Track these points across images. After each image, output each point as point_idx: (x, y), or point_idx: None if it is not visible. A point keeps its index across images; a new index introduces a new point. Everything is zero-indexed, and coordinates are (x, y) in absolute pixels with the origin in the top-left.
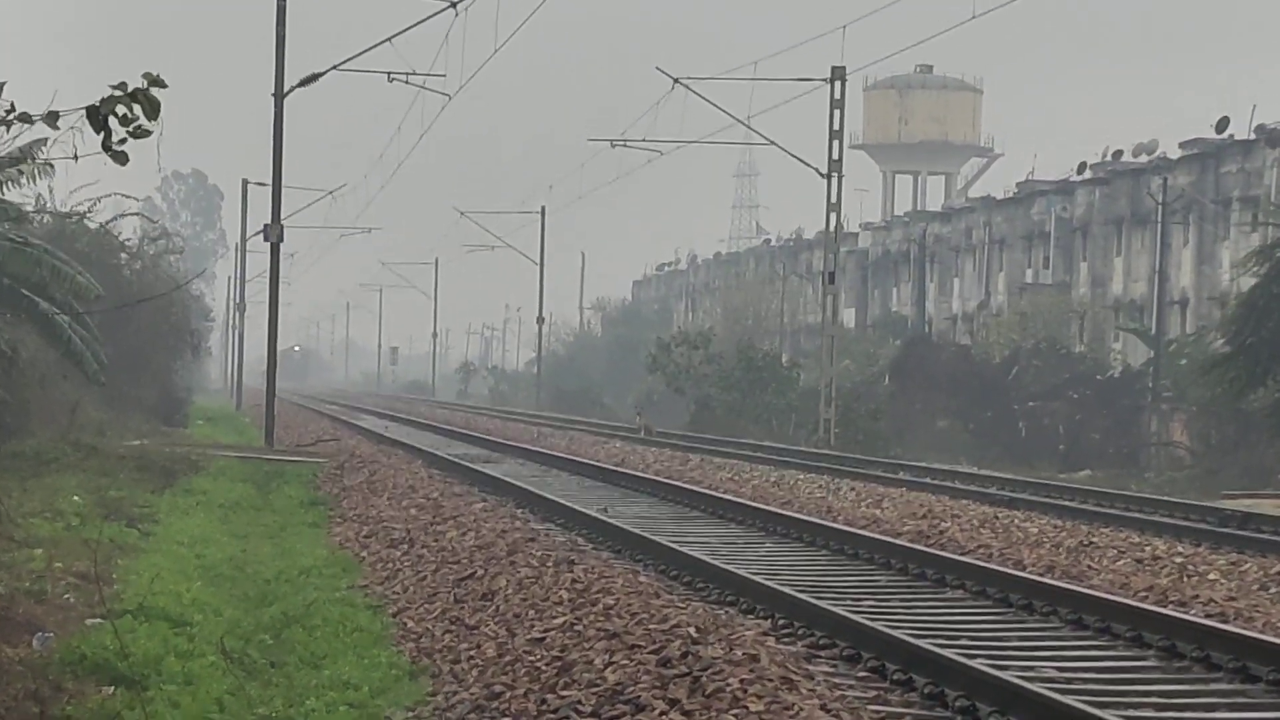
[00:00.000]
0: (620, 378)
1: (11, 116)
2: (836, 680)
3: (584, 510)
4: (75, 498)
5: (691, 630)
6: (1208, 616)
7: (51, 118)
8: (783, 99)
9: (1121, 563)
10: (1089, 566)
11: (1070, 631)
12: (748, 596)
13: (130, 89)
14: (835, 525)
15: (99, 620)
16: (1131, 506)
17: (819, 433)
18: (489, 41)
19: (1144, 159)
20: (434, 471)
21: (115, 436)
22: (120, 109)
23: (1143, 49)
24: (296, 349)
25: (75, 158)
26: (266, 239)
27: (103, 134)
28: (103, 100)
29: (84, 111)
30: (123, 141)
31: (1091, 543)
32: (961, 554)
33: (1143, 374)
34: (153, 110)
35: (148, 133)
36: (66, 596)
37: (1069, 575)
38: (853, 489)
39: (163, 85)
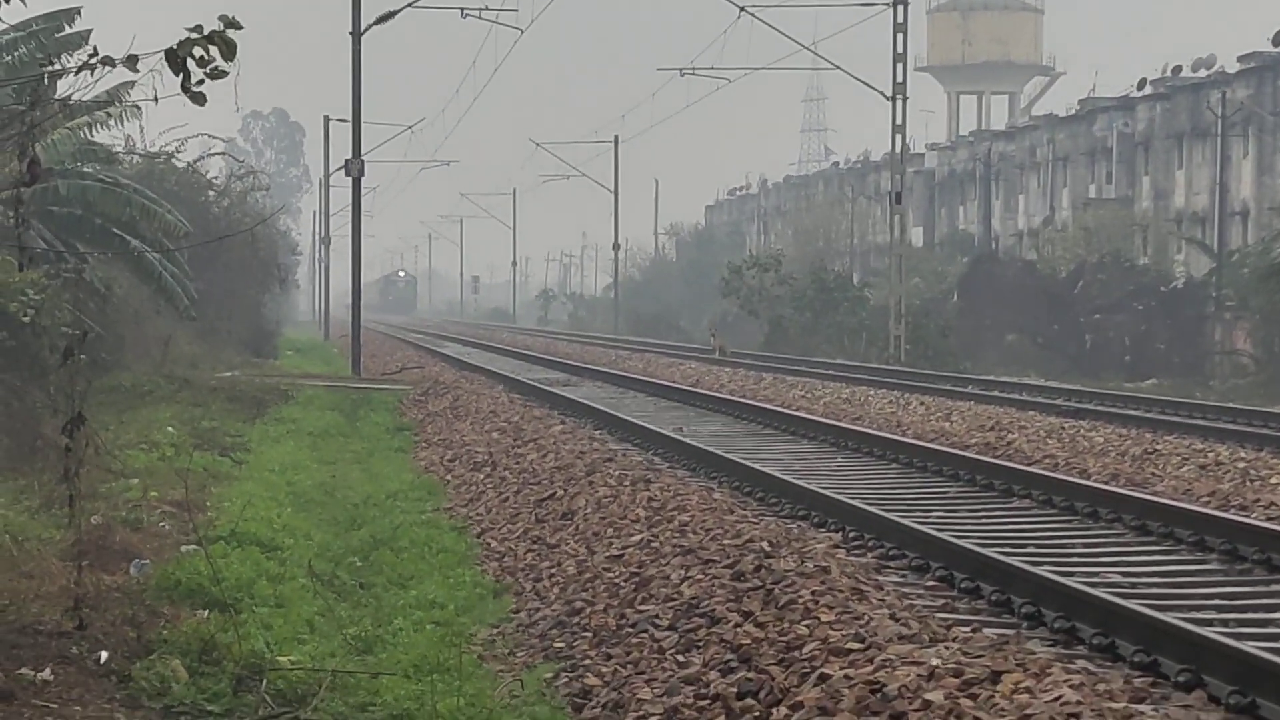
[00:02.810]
0: (695, 301)
1: (95, 60)
2: (905, 590)
3: (660, 430)
4: (169, 429)
5: (764, 544)
6: (1269, 520)
7: (131, 61)
8: (847, 24)
9: (1185, 469)
10: (1153, 474)
11: (1134, 538)
12: (819, 510)
13: (206, 31)
14: (904, 439)
15: (193, 547)
16: (1195, 414)
17: (889, 350)
18: None
19: (1203, 73)
20: (514, 396)
21: (207, 369)
22: (197, 51)
23: None
24: (402, 274)
25: (155, 99)
26: (348, 174)
27: (181, 75)
28: (180, 43)
29: (163, 54)
30: (200, 82)
31: (1155, 450)
32: (1028, 464)
33: (1206, 284)
34: (229, 51)
35: (224, 73)
36: (162, 524)
37: (1133, 483)
38: (922, 404)
39: (238, 27)
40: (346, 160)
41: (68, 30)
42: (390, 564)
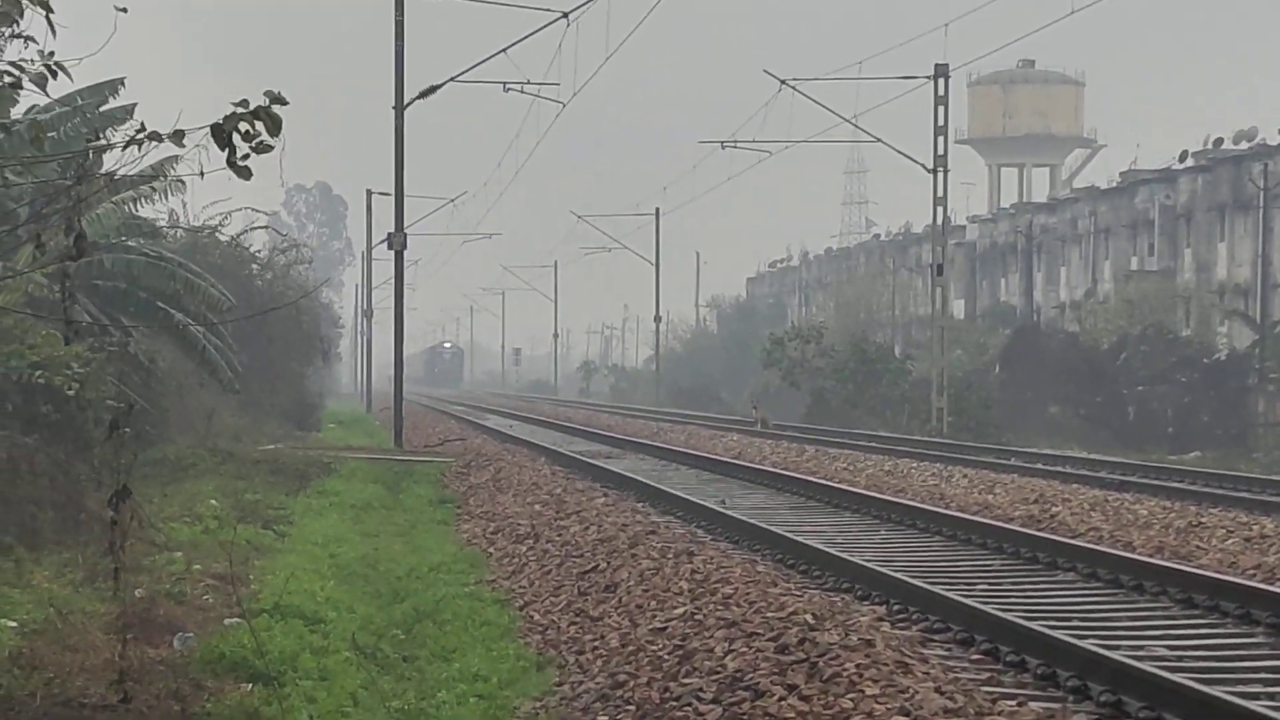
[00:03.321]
0: (736, 373)
1: (141, 136)
2: (951, 663)
3: (703, 502)
4: (213, 502)
5: (808, 617)
6: None
7: (178, 136)
8: (888, 97)
9: (1230, 542)
10: (1198, 546)
11: (1179, 610)
12: (863, 583)
13: (252, 106)
14: (948, 512)
15: (237, 620)
16: (1240, 486)
17: (932, 422)
18: (600, 49)
19: (1244, 145)
20: (557, 468)
21: (250, 441)
22: (243, 126)
23: (1239, 36)
24: (448, 345)
25: (201, 174)
26: (391, 247)
27: (227, 150)
28: (226, 118)
29: (209, 129)
30: (246, 157)
31: (1200, 523)
32: (1072, 537)
33: (1249, 356)
34: (275, 126)
35: (270, 148)
36: (205, 597)
37: (1178, 555)
38: (965, 476)
39: (284, 102)
40: (389, 233)
41: (111, 103)
42: (433, 637)
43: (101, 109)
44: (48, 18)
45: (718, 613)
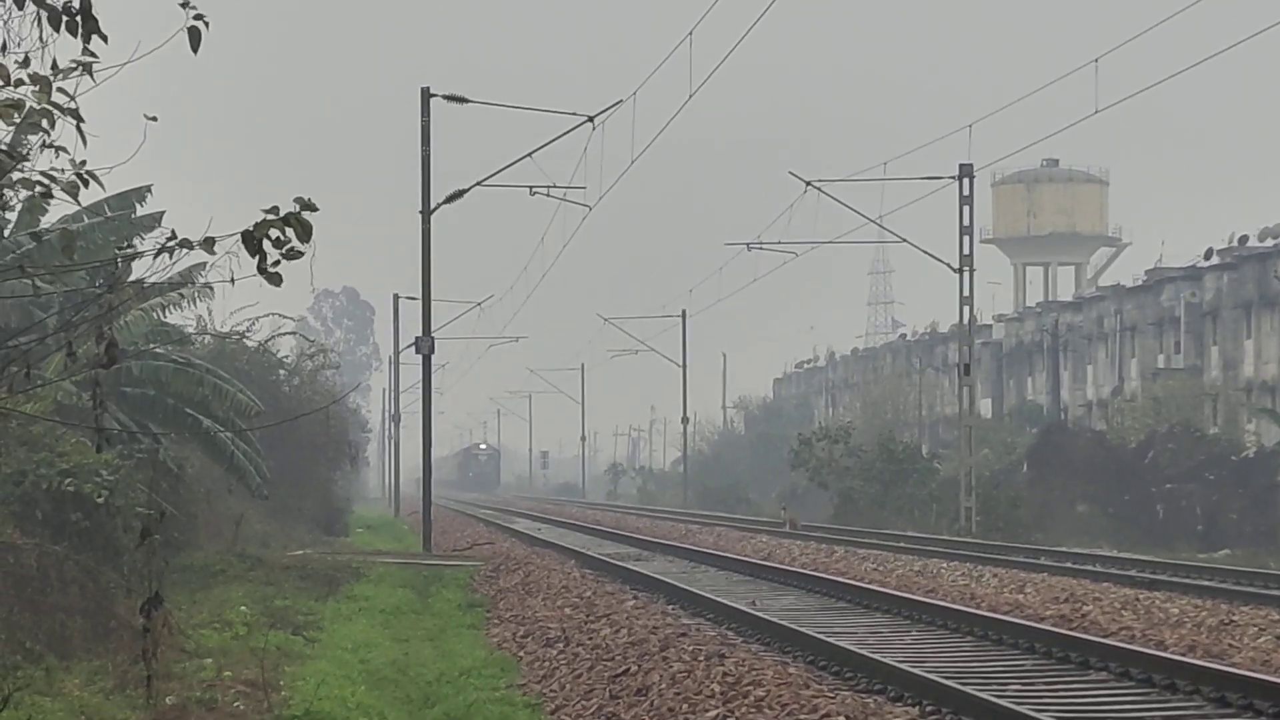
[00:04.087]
0: (764, 474)
1: (172, 243)
2: None
3: (733, 604)
4: (242, 608)
5: (842, 719)
6: None
7: (208, 243)
8: (913, 197)
9: (1263, 640)
10: (1230, 645)
11: (1213, 709)
12: (895, 684)
13: (282, 213)
14: (979, 611)
15: None
16: (1271, 584)
17: (960, 521)
18: (626, 152)
19: (1270, 243)
20: (586, 571)
21: (279, 547)
22: (273, 232)
23: (1263, 134)
24: (484, 446)
25: (232, 281)
26: (418, 351)
27: (257, 257)
28: (256, 224)
29: (239, 236)
30: (276, 263)
31: (1232, 621)
32: (1104, 636)
33: (1277, 453)
34: (305, 233)
35: (300, 254)
36: (237, 704)
37: (1210, 654)
38: (995, 575)
39: (313, 209)
40: (416, 338)
41: (139, 210)
42: None
43: (132, 217)
44: (78, 127)
45: (750, 716)
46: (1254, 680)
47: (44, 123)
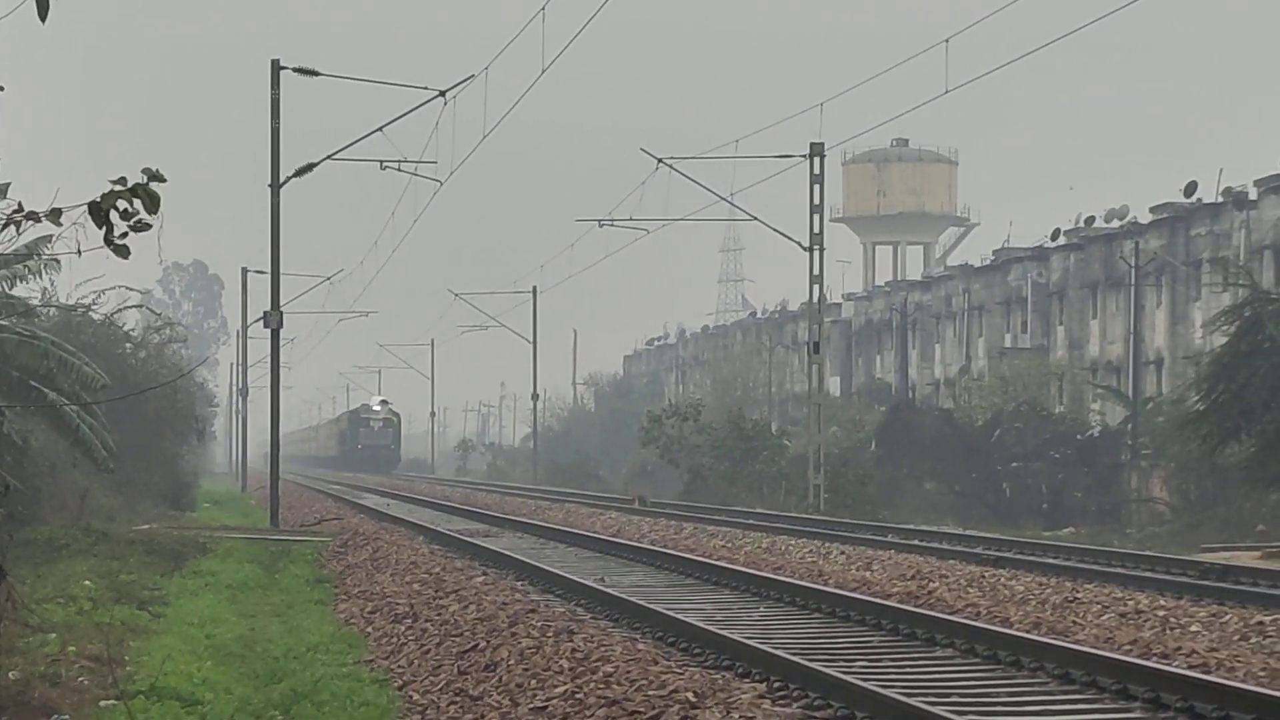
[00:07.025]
0: (614, 450)
1: (19, 216)
2: None
3: (582, 581)
4: (87, 582)
5: (690, 695)
6: (1190, 668)
7: (55, 214)
8: (764, 176)
9: (1106, 617)
10: (1074, 622)
11: (1057, 686)
12: (743, 660)
13: (130, 184)
14: (826, 588)
15: (113, 702)
16: (1114, 562)
17: (808, 498)
18: (478, 128)
19: (1116, 224)
20: (435, 547)
21: (125, 521)
22: (121, 204)
23: (1111, 117)
24: (378, 407)
25: (79, 252)
26: (267, 325)
27: (104, 229)
28: (104, 196)
29: (86, 207)
30: (124, 236)
31: (1076, 598)
32: (950, 613)
33: (1121, 433)
34: (153, 204)
35: (148, 226)
36: (81, 679)
37: (1055, 631)
38: (842, 552)
39: (162, 180)
40: (265, 312)
41: None
42: (312, 718)
43: None
44: None
45: (599, 691)
46: (1096, 657)
47: None
